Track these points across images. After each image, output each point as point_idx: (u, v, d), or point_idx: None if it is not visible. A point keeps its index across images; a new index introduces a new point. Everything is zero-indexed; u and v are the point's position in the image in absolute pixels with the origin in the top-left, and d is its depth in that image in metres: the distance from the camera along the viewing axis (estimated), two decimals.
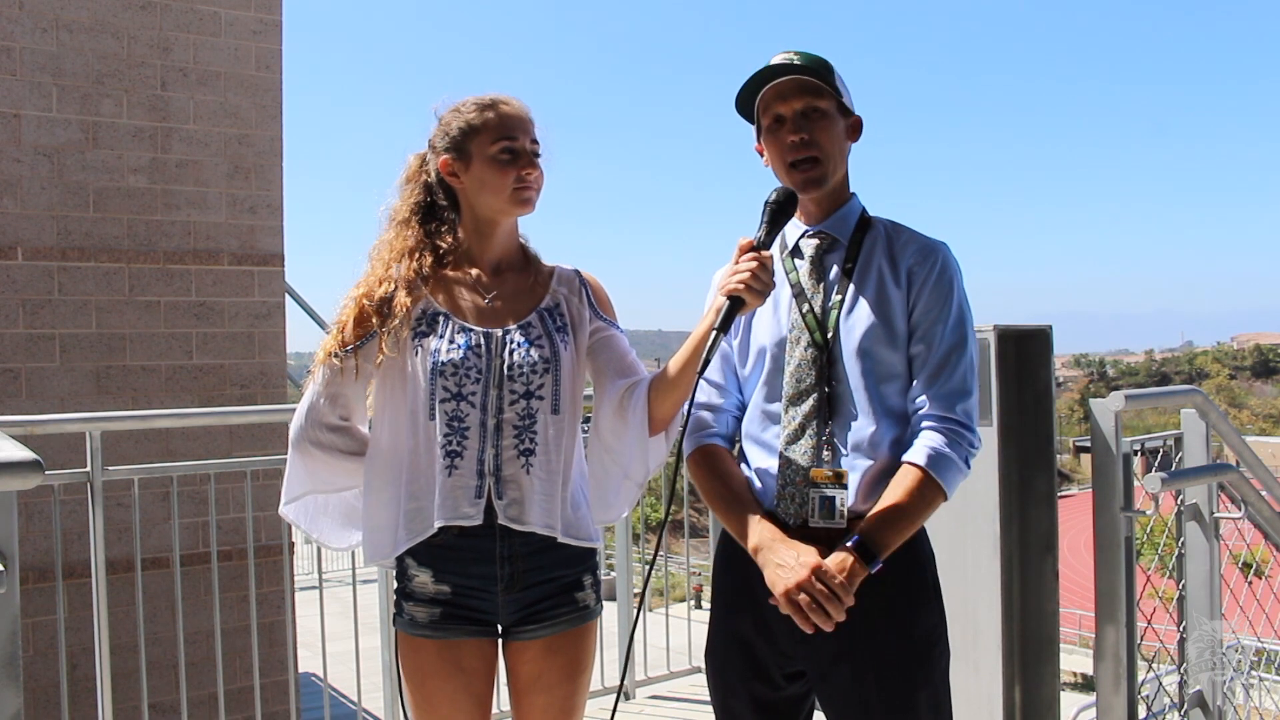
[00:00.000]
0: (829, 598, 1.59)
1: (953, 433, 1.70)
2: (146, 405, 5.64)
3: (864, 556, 1.63)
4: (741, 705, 1.83)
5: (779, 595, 1.63)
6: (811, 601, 1.59)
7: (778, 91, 1.77)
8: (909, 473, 1.69)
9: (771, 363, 1.80)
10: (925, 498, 1.68)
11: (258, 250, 6.06)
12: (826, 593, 1.59)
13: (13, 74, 5.37)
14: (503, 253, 1.96)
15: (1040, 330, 2.86)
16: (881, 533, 1.65)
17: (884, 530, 1.66)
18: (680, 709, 4.11)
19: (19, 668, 1.43)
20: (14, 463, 1.39)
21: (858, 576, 1.62)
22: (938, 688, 1.77)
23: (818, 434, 1.74)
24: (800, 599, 1.60)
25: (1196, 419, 2.77)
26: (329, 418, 1.90)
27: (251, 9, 6.06)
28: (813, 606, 1.59)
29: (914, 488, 1.67)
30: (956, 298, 1.77)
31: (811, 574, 1.60)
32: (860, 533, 1.66)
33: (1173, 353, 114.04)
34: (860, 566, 1.63)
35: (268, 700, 3.53)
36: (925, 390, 1.73)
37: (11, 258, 5.38)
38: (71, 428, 3.21)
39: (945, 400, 1.72)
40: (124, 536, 3.89)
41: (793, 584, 1.61)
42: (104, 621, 2.99)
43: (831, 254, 1.82)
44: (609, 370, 1.92)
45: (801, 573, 1.61)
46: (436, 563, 1.85)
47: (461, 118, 1.89)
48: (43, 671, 4.36)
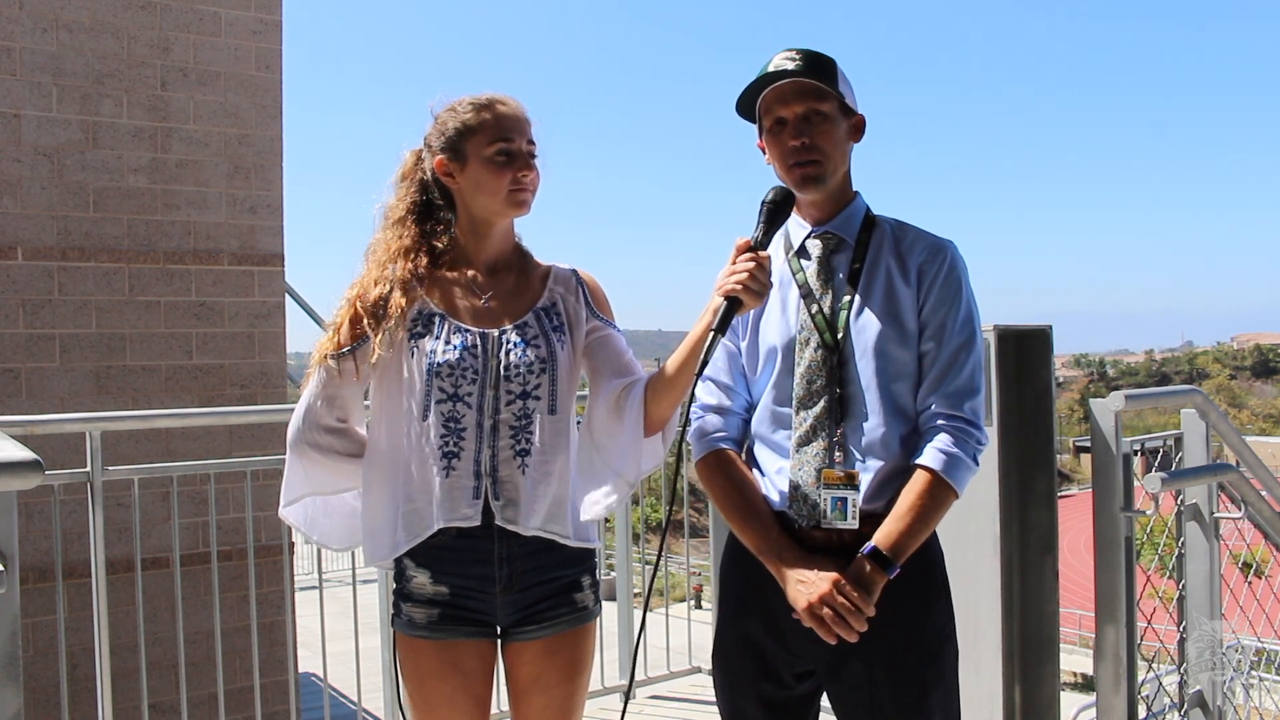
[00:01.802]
0: (851, 610, 1.63)
1: (961, 431, 1.72)
2: (146, 405, 5.63)
3: (881, 564, 1.66)
4: (750, 705, 1.83)
5: (801, 611, 1.66)
6: (835, 615, 1.63)
7: (778, 94, 1.77)
8: (921, 477, 1.70)
9: (781, 364, 1.80)
10: (938, 500, 1.70)
11: (258, 250, 6.06)
12: (849, 606, 1.63)
13: (13, 74, 5.37)
14: (498, 253, 1.95)
15: (1040, 330, 2.86)
16: (899, 539, 1.67)
17: (901, 536, 1.68)
18: (680, 709, 4.11)
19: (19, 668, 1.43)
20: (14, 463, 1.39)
21: (877, 585, 1.65)
22: (948, 687, 1.78)
23: (829, 435, 1.75)
24: (824, 613, 1.64)
25: (1196, 419, 2.77)
26: (326, 419, 1.90)
27: (251, 9, 6.06)
28: (836, 619, 1.63)
29: (927, 491, 1.69)
30: (965, 295, 1.78)
31: (833, 587, 1.64)
32: (877, 540, 1.68)
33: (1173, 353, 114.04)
34: (879, 574, 1.65)
35: (268, 700, 3.53)
36: (933, 388, 1.74)
37: (11, 258, 5.37)
38: (71, 428, 3.21)
39: (953, 399, 1.73)
40: (124, 536, 3.89)
41: (816, 598, 1.64)
42: (104, 621, 2.99)
43: (839, 254, 1.82)
44: (605, 370, 1.91)
45: (823, 586, 1.64)
46: (434, 563, 1.84)
47: (458, 117, 1.88)
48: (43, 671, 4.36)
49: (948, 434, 1.71)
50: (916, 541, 1.69)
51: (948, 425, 1.72)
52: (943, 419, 1.72)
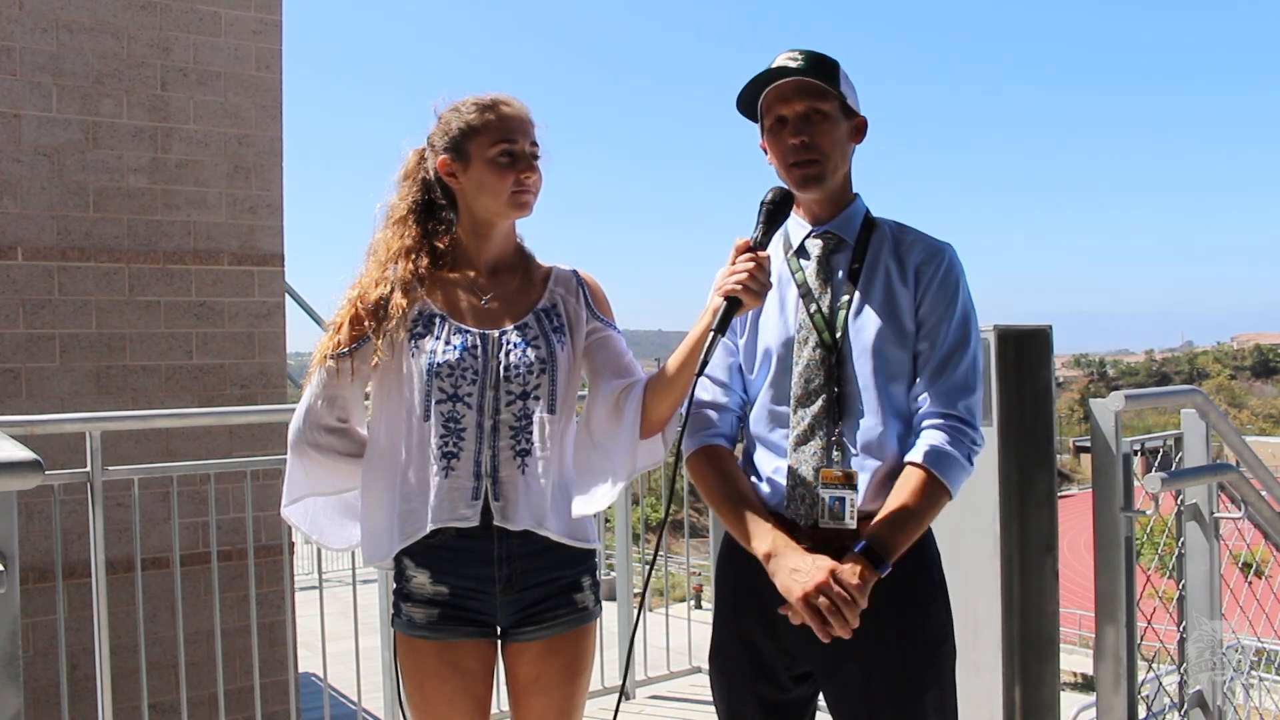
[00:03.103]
0: (847, 602, 1.58)
1: (954, 430, 1.70)
2: (146, 405, 5.63)
3: (873, 561, 1.63)
4: (747, 707, 1.82)
5: (795, 600, 1.61)
6: (830, 605, 1.58)
7: (779, 93, 1.77)
8: (912, 473, 1.69)
9: (779, 363, 1.80)
10: (930, 497, 1.68)
11: (258, 250, 6.06)
12: (845, 596, 1.58)
13: (13, 74, 5.37)
14: (499, 253, 1.95)
15: (1040, 330, 2.86)
16: (889, 536, 1.65)
17: (891, 533, 1.66)
18: (680, 709, 4.11)
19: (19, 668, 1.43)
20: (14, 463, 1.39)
21: (869, 582, 1.62)
22: (945, 688, 1.77)
23: (827, 435, 1.74)
24: (820, 602, 1.59)
25: (1196, 419, 2.77)
26: (327, 420, 1.90)
27: (251, 9, 6.06)
28: (831, 610, 1.58)
29: (917, 488, 1.68)
30: (961, 297, 1.77)
31: (829, 576, 1.60)
32: (867, 537, 1.66)
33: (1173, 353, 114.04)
34: (870, 571, 1.62)
35: (268, 700, 3.53)
36: (927, 387, 1.73)
37: (11, 258, 5.37)
38: (71, 428, 3.20)
39: (947, 397, 1.72)
40: (124, 536, 3.89)
41: (811, 587, 1.60)
42: (104, 621, 2.99)
43: (838, 254, 1.82)
44: (605, 370, 1.91)
45: (819, 575, 1.60)
46: (434, 564, 1.84)
47: (461, 118, 1.88)
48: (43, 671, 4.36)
49: (941, 432, 1.70)
50: (908, 539, 1.67)
51: (941, 423, 1.71)
52: (936, 417, 1.71)
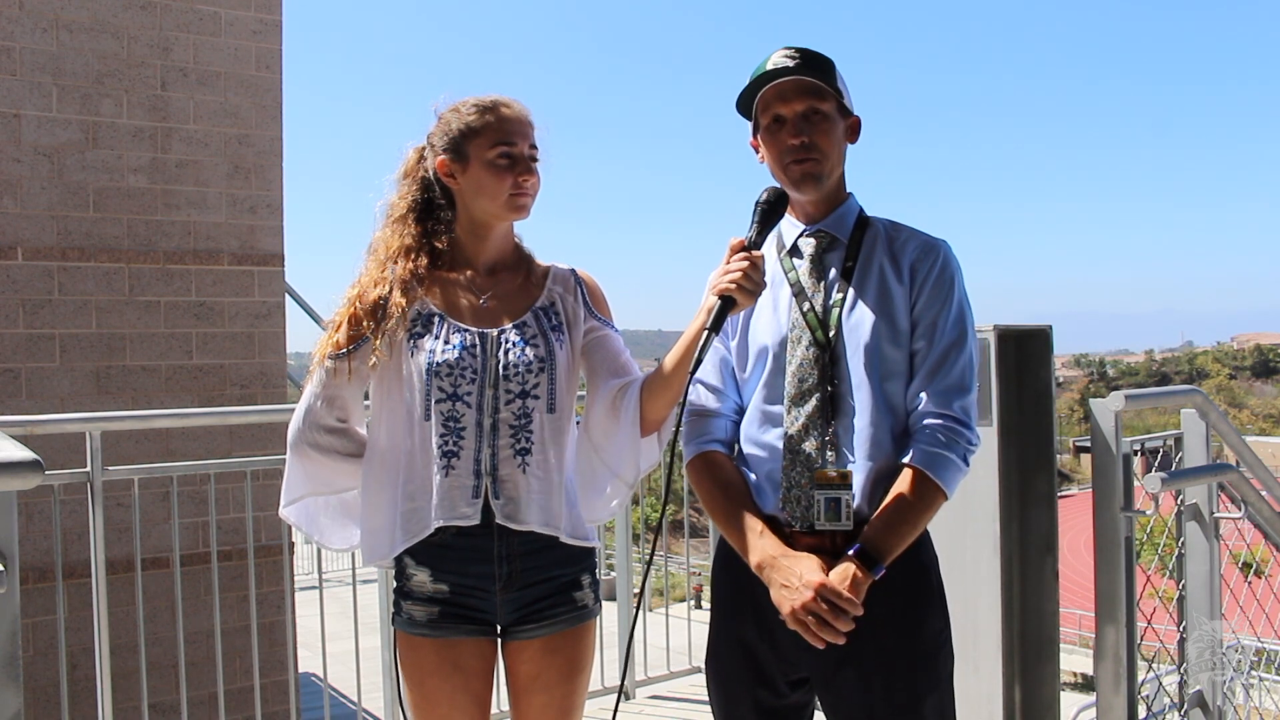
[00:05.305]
0: (836, 614, 1.59)
1: (950, 430, 1.69)
2: (146, 405, 5.63)
3: (867, 564, 1.63)
4: (745, 712, 1.82)
5: (785, 615, 1.64)
6: (818, 621, 1.60)
7: (779, 92, 1.76)
8: (908, 476, 1.69)
9: (772, 363, 1.79)
10: (925, 499, 1.67)
11: (258, 250, 6.06)
12: (832, 611, 1.59)
13: (13, 74, 5.37)
14: (498, 253, 1.96)
15: (1040, 330, 2.86)
16: (883, 538, 1.65)
17: (886, 535, 1.65)
18: (680, 709, 4.11)
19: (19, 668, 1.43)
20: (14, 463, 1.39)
21: (862, 586, 1.62)
22: (943, 694, 1.76)
23: (821, 434, 1.73)
24: (808, 620, 1.61)
25: (1196, 419, 2.77)
26: (326, 419, 1.90)
27: (251, 9, 6.06)
28: (820, 625, 1.60)
29: (912, 490, 1.67)
30: (957, 295, 1.76)
31: (815, 595, 1.60)
32: (862, 540, 1.65)
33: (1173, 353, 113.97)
34: (864, 574, 1.62)
35: (268, 700, 3.54)
36: (923, 387, 1.72)
37: (11, 258, 5.37)
38: (71, 428, 3.20)
39: (942, 397, 1.71)
40: (124, 536, 3.89)
41: (799, 605, 1.61)
42: (104, 621, 2.99)
43: (831, 253, 1.82)
44: (603, 370, 1.92)
45: (806, 594, 1.61)
46: (434, 562, 1.85)
47: (461, 118, 1.89)
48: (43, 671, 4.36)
49: (937, 433, 1.69)
50: (903, 541, 1.67)
51: (937, 424, 1.70)
52: (932, 417, 1.70)
